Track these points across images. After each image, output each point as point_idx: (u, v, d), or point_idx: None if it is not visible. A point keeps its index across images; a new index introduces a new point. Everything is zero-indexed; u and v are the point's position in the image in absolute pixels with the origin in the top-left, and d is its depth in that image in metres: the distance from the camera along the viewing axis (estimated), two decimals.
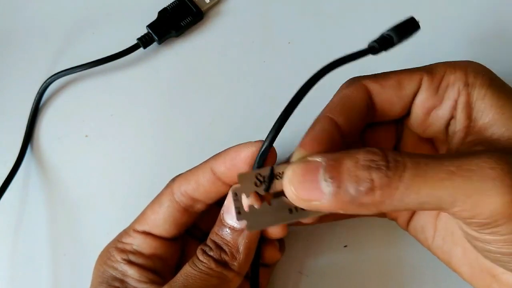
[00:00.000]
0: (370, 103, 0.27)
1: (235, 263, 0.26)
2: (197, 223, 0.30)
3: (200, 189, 0.27)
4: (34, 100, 0.36)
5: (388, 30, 0.25)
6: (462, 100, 0.26)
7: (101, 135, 0.36)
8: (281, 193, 0.24)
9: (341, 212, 0.23)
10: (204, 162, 0.28)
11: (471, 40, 0.37)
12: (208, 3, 0.38)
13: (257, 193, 0.25)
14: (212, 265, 0.26)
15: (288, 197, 0.24)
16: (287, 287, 0.32)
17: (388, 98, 0.27)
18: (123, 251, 0.28)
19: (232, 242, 0.26)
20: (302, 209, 0.24)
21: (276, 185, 0.24)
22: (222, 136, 0.35)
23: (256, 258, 0.28)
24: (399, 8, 0.38)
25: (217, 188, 0.27)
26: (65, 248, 0.33)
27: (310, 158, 0.23)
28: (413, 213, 0.30)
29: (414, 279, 0.32)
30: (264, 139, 0.24)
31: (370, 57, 0.25)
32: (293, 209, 0.25)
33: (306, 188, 0.23)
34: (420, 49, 0.37)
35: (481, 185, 0.21)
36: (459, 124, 0.26)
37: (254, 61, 0.37)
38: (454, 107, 0.26)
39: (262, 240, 0.29)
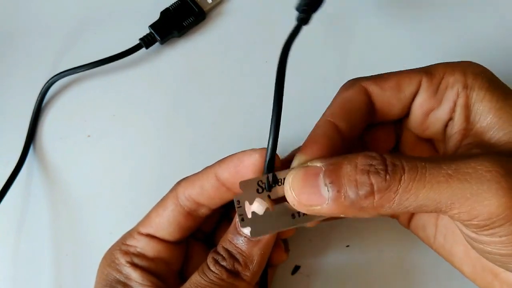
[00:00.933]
0: (370, 105, 0.27)
1: (247, 273, 0.26)
2: (201, 227, 0.30)
3: (204, 194, 0.27)
4: (37, 100, 0.36)
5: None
6: (460, 102, 0.26)
7: (104, 135, 0.36)
8: (284, 199, 0.24)
9: (342, 216, 0.23)
10: (208, 167, 0.27)
11: (471, 40, 0.37)
12: (210, 3, 0.38)
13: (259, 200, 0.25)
14: (224, 275, 0.26)
15: (289, 202, 0.24)
16: (287, 287, 0.32)
17: (387, 100, 0.27)
18: (127, 253, 0.28)
19: (247, 252, 0.26)
20: (305, 213, 0.25)
21: (278, 191, 0.25)
22: (225, 136, 0.35)
23: (265, 267, 0.27)
24: (399, 8, 0.38)
25: (221, 194, 0.27)
26: (67, 248, 0.33)
27: (310, 164, 0.24)
28: (413, 213, 0.30)
29: (416, 279, 0.32)
30: (266, 146, 0.25)
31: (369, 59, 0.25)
32: (296, 214, 0.25)
33: (306, 193, 0.23)
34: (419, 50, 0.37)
35: (478, 188, 0.21)
36: (456, 126, 0.26)
37: (257, 61, 0.37)
38: (453, 109, 0.26)
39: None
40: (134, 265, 0.28)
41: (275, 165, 0.25)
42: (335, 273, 0.32)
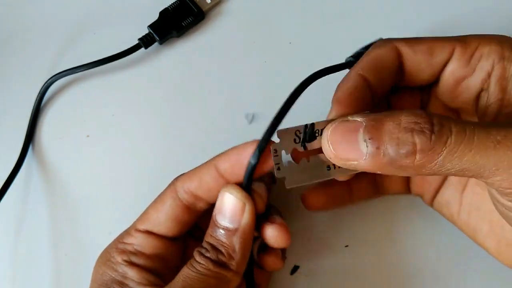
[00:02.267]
0: (400, 66, 0.27)
1: (233, 262, 0.26)
2: (199, 224, 0.30)
3: (203, 186, 0.27)
4: (36, 100, 0.36)
5: (363, 48, 0.28)
6: (496, 73, 0.26)
7: (103, 135, 0.36)
8: (320, 150, 0.24)
9: (379, 172, 0.23)
10: (208, 160, 0.28)
11: None
12: (209, 3, 0.38)
13: (296, 149, 0.25)
14: (210, 266, 0.26)
15: (326, 155, 0.24)
16: (286, 287, 0.32)
17: (418, 63, 0.27)
18: (123, 251, 0.28)
19: (227, 243, 0.26)
20: (340, 167, 0.24)
21: (315, 142, 0.25)
22: (224, 136, 0.35)
23: (250, 256, 0.27)
24: (399, 8, 0.38)
25: (220, 186, 0.27)
26: (66, 248, 0.33)
27: (350, 118, 0.23)
28: (438, 189, 0.30)
29: (415, 279, 0.32)
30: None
31: None
32: (331, 166, 0.25)
33: (344, 147, 0.23)
34: None
35: None
36: (492, 97, 0.26)
37: (255, 61, 0.37)
38: (486, 80, 0.26)
39: (265, 249, 0.29)
40: (130, 263, 0.27)
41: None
42: (334, 273, 0.32)
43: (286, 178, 0.25)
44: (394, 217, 0.33)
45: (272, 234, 0.27)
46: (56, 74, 0.36)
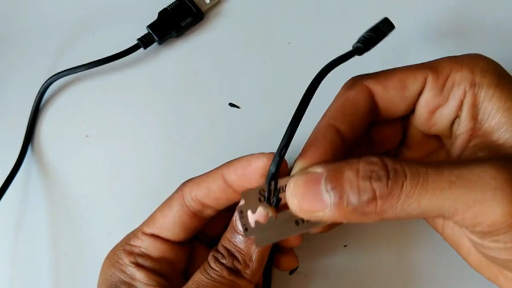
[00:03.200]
0: (372, 105, 0.27)
1: (247, 271, 0.26)
2: (204, 228, 0.30)
3: (210, 195, 0.27)
4: (35, 100, 0.36)
5: (367, 31, 0.27)
6: (468, 101, 0.25)
7: (102, 135, 0.36)
8: (286, 206, 0.24)
9: (345, 221, 0.23)
10: (215, 169, 0.27)
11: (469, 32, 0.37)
12: (208, 3, 0.38)
13: (262, 208, 0.25)
14: (225, 273, 0.26)
15: (291, 209, 0.24)
16: (287, 287, 0.32)
17: (391, 99, 0.27)
18: (131, 253, 0.28)
19: (245, 250, 0.26)
20: (308, 220, 0.24)
21: (281, 199, 0.25)
22: (223, 136, 0.35)
23: (268, 265, 0.27)
24: (398, 8, 0.38)
25: (228, 196, 0.27)
26: (65, 248, 0.33)
27: (311, 170, 0.23)
28: None
29: (414, 279, 0.32)
30: (275, 151, 0.24)
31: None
32: (300, 221, 0.25)
33: (308, 199, 0.23)
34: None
35: (481, 195, 0.21)
36: (463, 125, 0.26)
37: (254, 62, 0.37)
38: (459, 107, 0.26)
39: (280, 250, 0.29)
40: (138, 265, 0.27)
41: (283, 171, 0.25)
42: (333, 273, 0.32)
43: (255, 238, 0.25)
44: None
45: None
46: (56, 74, 0.36)
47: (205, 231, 0.30)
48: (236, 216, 0.26)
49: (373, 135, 0.29)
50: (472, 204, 0.21)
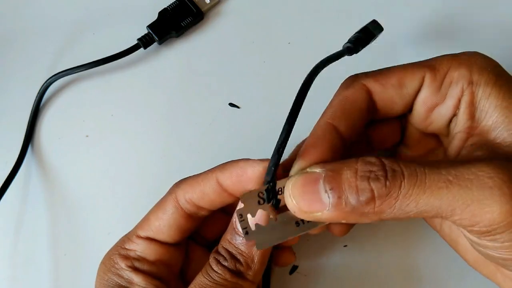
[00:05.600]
0: (370, 103, 0.27)
1: (250, 272, 0.26)
2: (199, 230, 0.30)
3: (205, 198, 0.27)
4: (35, 100, 0.36)
5: (357, 33, 0.27)
6: (465, 99, 0.25)
7: (102, 135, 0.36)
8: (286, 208, 0.24)
9: (343, 221, 0.23)
10: (209, 171, 0.27)
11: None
12: (208, 3, 0.38)
13: (262, 211, 0.25)
14: (227, 275, 0.26)
15: (290, 210, 0.24)
16: (286, 287, 0.32)
17: (389, 97, 0.27)
18: (127, 257, 0.28)
19: (247, 252, 0.26)
20: (309, 221, 0.24)
21: (280, 200, 0.25)
22: (222, 136, 0.35)
23: (267, 266, 0.27)
24: (398, 8, 0.38)
25: (222, 198, 0.27)
26: (65, 248, 0.33)
27: (309, 170, 0.24)
28: None
29: (413, 279, 0.32)
30: (271, 156, 0.24)
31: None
32: (300, 222, 0.25)
33: (307, 200, 0.23)
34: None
35: (479, 195, 0.21)
36: (460, 124, 0.26)
37: (254, 62, 0.37)
38: (457, 105, 0.26)
39: (277, 246, 0.29)
40: (135, 269, 0.27)
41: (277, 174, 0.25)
42: (332, 273, 0.32)
43: (256, 241, 0.25)
44: None
45: None
46: (56, 74, 0.36)
47: (201, 233, 0.30)
48: (235, 219, 0.26)
49: (372, 134, 0.29)
50: (469, 203, 0.21)
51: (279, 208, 0.25)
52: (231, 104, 0.36)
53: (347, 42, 0.27)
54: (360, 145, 0.28)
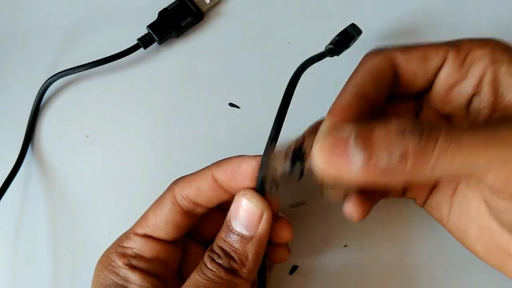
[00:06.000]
0: (395, 74, 0.27)
1: (244, 270, 0.26)
2: (197, 227, 0.30)
3: (201, 194, 0.27)
4: (35, 100, 0.36)
5: (337, 36, 0.30)
6: (488, 77, 0.26)
7: (102, 135, 0.36)
8: (311, 169, 0.23)
9: (372, 182, 0.22)
10: (206, 168, 0.27)
11: None
12: (208, 3, 0.38)
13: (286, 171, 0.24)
14: (222, 273, 0.26)
15: (317, 169, 0.23)
16: (286, 287, 0.32)
17: (413, 70, 0.27)
18: (123, 255, 0.28)
19: (241, 250, 0.26)
20: (331, 185, 0.24)
21: (306, 159, 0.24)
22: (222, 136, 0.35)
23: (262, 263, 0.27)
24: (397, 7, 0.38)
25: (218, 195, 0.27)
26: (65, 248, 0.33)
27: (340, 128, 0.23)
28: (430, 192, 0.30)
29: (413, 279, 0.32)
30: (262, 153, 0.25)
31: None
32: (324, 186, 0.25)
33: (335, 159, 0.22)
34: None
35: None
36: (484, 100, 0.26)
37: (254, 62, 0.37)
38: (478, 85, 0.26)
39: (271, 243, 0.29)
40: (132, 267, 0.27)
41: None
42: (333, 273, 0.32)
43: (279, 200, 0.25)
44: (392, 217, 0.33)
45: (277, 229, 0.27)
46: (56, 74, 0.36)
47: (199, 231, 0.30)
48: (229, 215, 0.26)
49: (388, 112, 0.29)
50: (505, 163, 0.21)
51: (302, 170, 0.24)
52: (231, 104, 0.36)
53: (329, 44, 0.29)
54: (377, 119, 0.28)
